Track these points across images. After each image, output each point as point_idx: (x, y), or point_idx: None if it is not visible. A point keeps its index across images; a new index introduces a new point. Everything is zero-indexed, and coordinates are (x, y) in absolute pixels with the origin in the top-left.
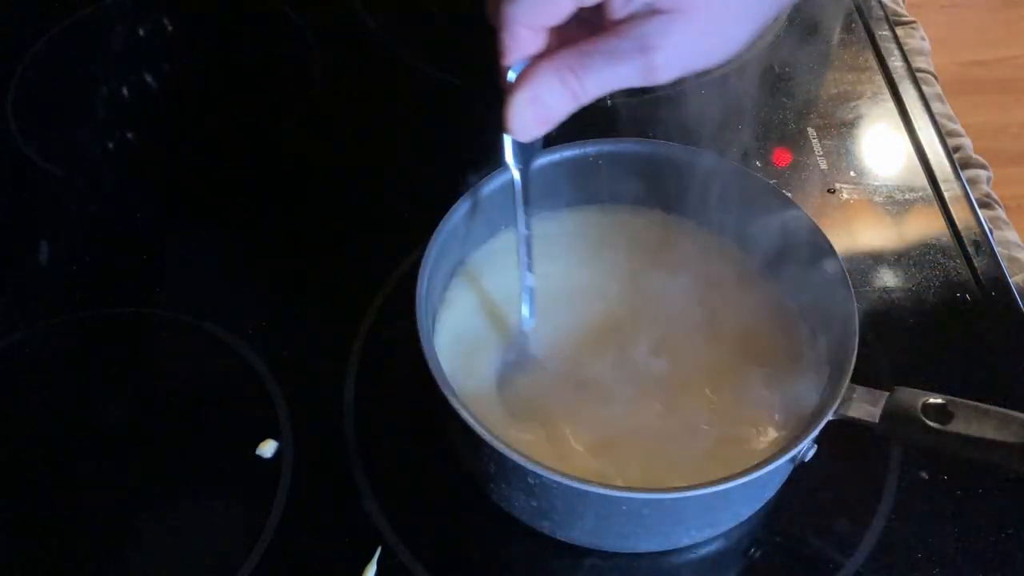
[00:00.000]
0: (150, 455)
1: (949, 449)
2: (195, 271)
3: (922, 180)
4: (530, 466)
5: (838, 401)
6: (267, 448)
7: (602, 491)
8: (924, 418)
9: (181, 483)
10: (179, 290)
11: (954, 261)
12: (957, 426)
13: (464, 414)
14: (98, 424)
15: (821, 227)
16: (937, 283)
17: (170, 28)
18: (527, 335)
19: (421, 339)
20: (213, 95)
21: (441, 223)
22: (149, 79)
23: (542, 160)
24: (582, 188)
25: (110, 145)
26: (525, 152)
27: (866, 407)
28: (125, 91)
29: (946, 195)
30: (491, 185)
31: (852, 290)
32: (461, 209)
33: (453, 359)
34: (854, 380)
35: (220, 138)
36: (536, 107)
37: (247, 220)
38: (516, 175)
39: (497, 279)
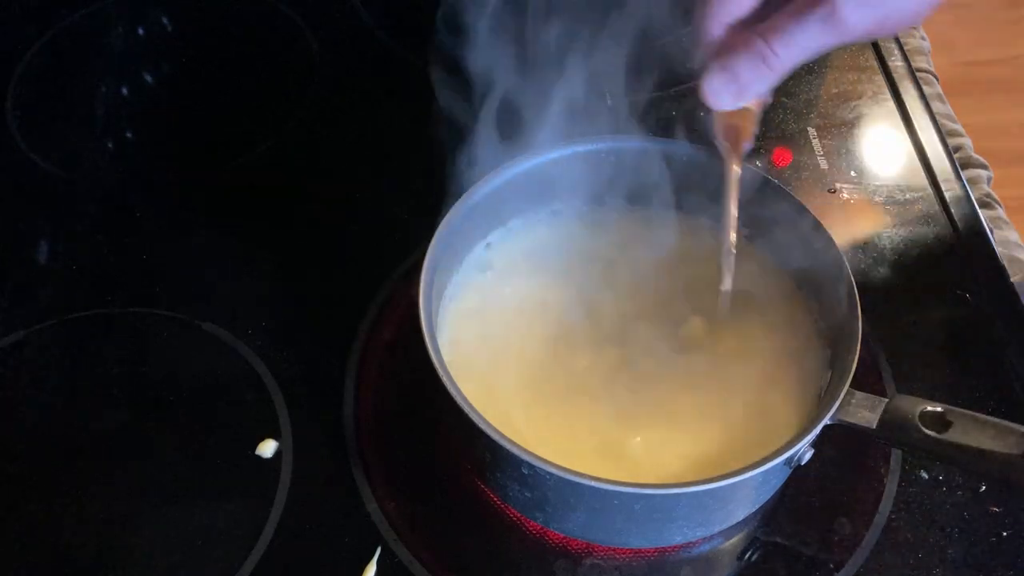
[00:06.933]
0: (150, 455)
1: (946, 458)
2: (195, 271)
3: (922, 180)
4: (524, 456)
5: (835, 406)
6: (267, 448)
7: (593, 484)
8: (922, 426)
9: (181, 483)
10: (179, 290)
11: (955, 262)
12: (954, 435)
13: (460, 400)
14: (98, 424)
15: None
16: (938, 284)
17: (170, 28)
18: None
19: (423, 326)
20: (213, 95)
21: (443, 221)
22: (149, 79)
23: (556, 154)
24: (595, 185)
25: (110, 145)
26: (734, 136)
27: (864, 413)
28: (125, 91)
29: (946, 195)
30: (492, 183)
31: (857, 297)
32: (463, 207)
33: (453, 352)
34: (855, 384)
35: (220, 138)
36: (726, 75)
37: (247, 220)
38: (723, 152)
39: (498, 275)
